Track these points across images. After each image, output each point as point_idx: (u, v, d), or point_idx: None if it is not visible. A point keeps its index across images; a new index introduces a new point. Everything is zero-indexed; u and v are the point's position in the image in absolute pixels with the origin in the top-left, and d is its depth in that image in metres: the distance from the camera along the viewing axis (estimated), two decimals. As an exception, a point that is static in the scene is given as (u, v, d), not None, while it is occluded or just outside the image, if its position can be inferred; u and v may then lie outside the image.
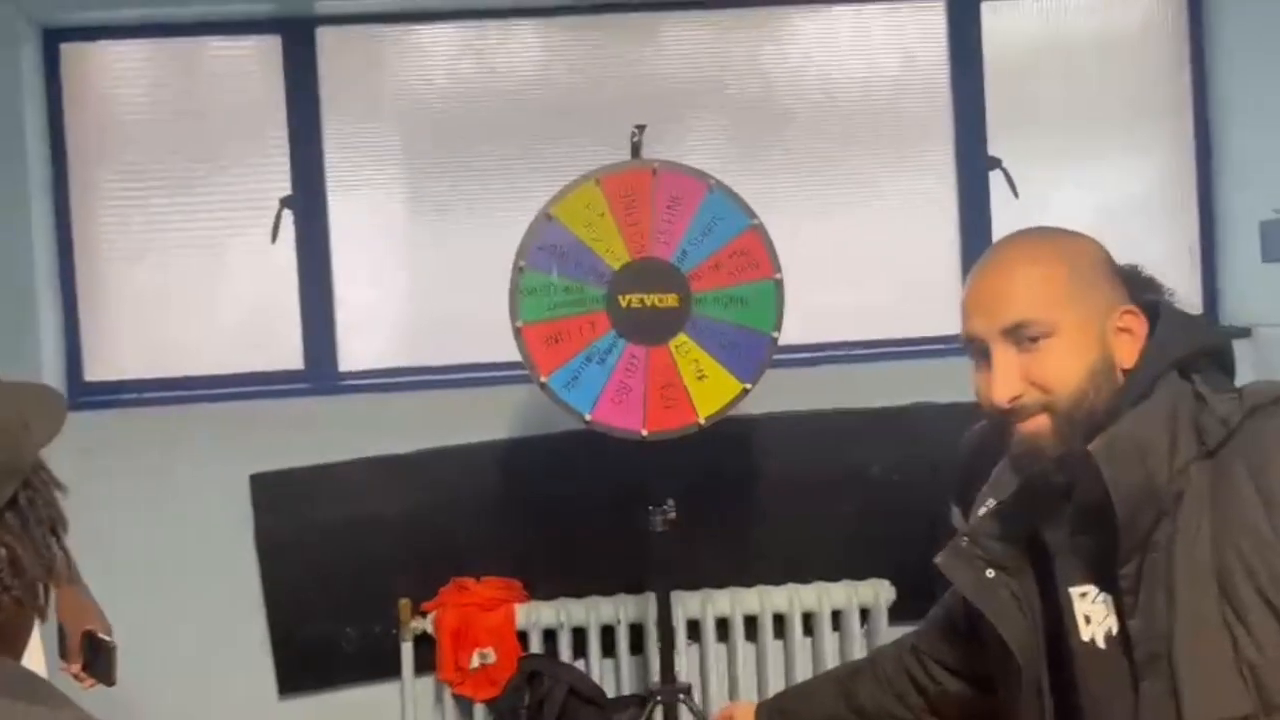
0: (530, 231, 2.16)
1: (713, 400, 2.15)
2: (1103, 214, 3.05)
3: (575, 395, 2.15)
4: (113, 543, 2.77)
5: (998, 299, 1.17)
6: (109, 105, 2.95)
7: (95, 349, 2.96)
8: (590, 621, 2.74)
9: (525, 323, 2.14)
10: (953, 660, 1.43)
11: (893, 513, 2.82)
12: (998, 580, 1.22)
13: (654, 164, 2.17)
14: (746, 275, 2.15)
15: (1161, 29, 3.09)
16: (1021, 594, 1.21)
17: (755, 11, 3.01)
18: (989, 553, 1.23)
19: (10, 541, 0.84)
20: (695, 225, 2.15)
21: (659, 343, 2.15)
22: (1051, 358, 1.12)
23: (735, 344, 2.15)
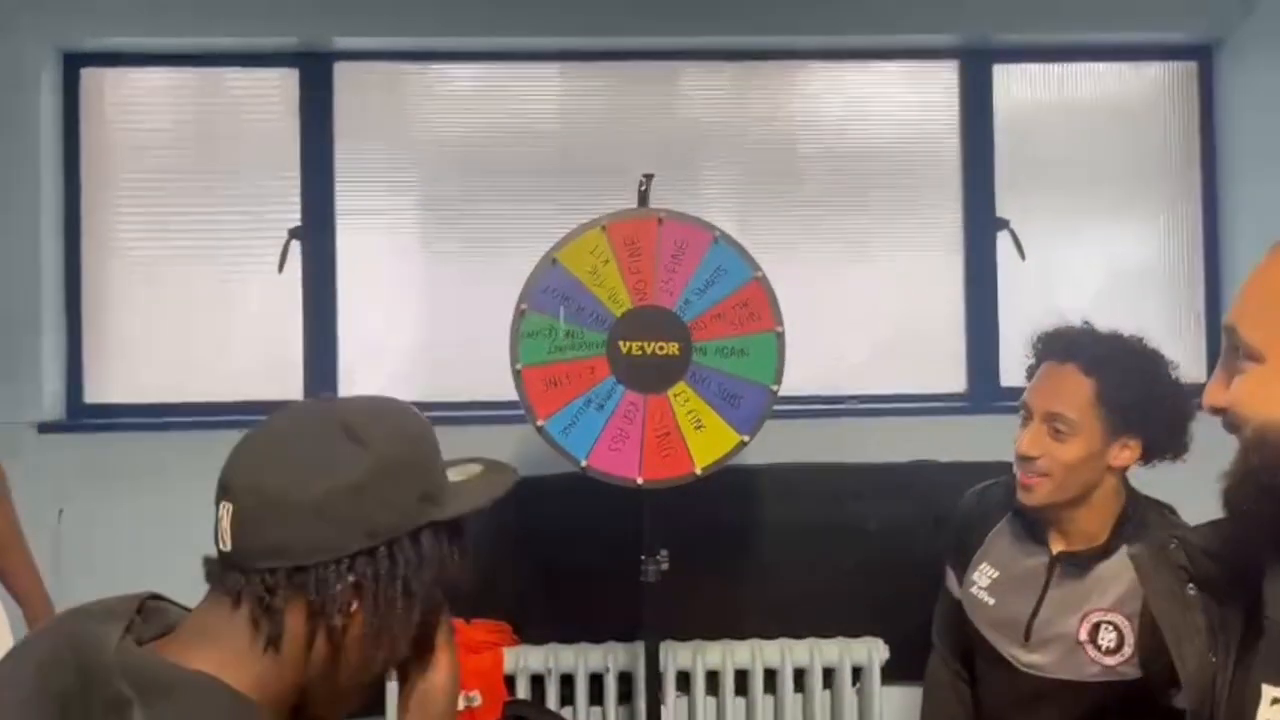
0: (534, 275, 2.16)
1: (710, 451, 2.14)
2: (1109, 277, 3.06)
3: (572, 440, 2.13)
4: (106, 566, 2.76)
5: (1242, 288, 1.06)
6: (125, 131, 2.98)
7: (97, 372, 2.96)
8: (579, 668, 2.70)
9: (525, 365, 2.14)
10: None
11: (889, 571, 2.80)
12: (1196, 600, 1.05)
13: (660, 213, 2.18)
14: (748, 327, 2.15)
15: (1171, 95, 3.11)
16: (1221, 629, 1.03)
17: (772, 65, 3.04)
18: (1198, 568, 1.07)
19: None
20: (699, 275, 2.15)
21: (658, 391, 2.14)
22: (1247, 384, 1.01)
23: (735, 395, 2.14)
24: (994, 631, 1.81)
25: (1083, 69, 3.09)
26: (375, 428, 0.93)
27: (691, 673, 2.73)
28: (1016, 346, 2.98)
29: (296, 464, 0.90)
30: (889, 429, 2.91)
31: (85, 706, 0.82)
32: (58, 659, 0.86)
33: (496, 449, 2.90)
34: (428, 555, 0.95)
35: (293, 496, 0.89)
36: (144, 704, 0.81)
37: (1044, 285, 3.05)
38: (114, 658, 0.84)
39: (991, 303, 3.03)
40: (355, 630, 0.92)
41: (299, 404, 0.98)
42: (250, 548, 0.89)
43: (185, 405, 2.93)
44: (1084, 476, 1.72)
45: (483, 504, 1.02)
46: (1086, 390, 1.69)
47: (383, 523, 0.92)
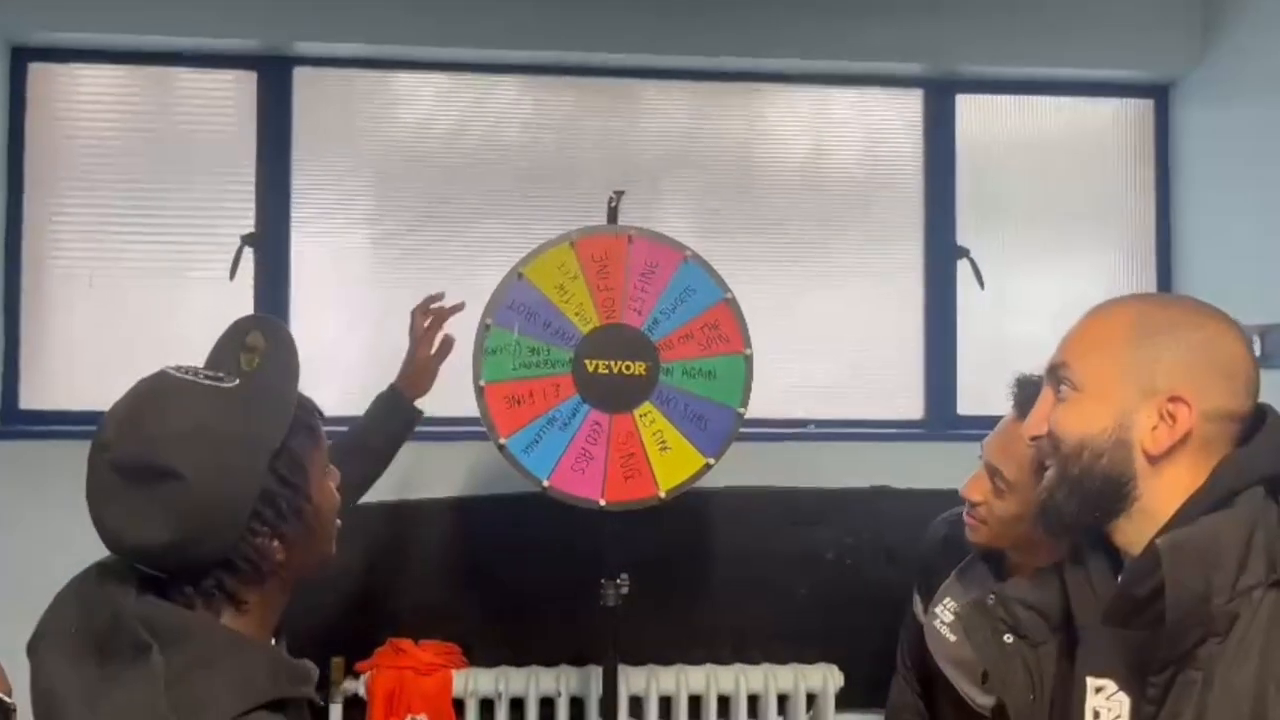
0: (500, 289, 2.12)
1: (675, 473, 2.11)
2: (1067, 308, 3.06)
3: (534, 460, 2.09)
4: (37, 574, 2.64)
5: (1067, 336, 1.22)
6: (74, 128, 2.88)
7: (35, 376, 2.85)
8: (530, 692, 2.65)
9: (488, 382, 2.09)
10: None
11: (845, 597, 2.79)
12: (1014, 648, 1.19)
13: (630, 231, 2.15)
14: (716, 348, 2.13)
15: (1128, 130, 3.16)
16: (1036, 670, 1.18)
17: (736, 86, 3.04)
18: (1013, 618, 1.20)
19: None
20: (668, 295, 2.12)
21: (623, 410, 2.11)
22: (1068, 410, 1.17)
23: (701, 416, 2.11)
24: (952, 668, 1.79)
25: (1043, 103, 3.13)
26: (181, 454, 1.00)
27: (645, 698, 2.69)
28: (974, 375, 3.05)
29: (143, 519, 1.01)
30: (846, 454, 2.91)
31: (116, 647, 1.00)
32: (94, 606, 1.04)
33: (455, 466, 2.88)
34: (291, 470, 1.07)
35: (174, 546, 1.01)
36: (161, 647, 0.99)
37: (1001, 315, 3.07)
38: (135, 608, 1.01)
39: (950, 331, 3.05)
40: (297, 540, 1.09)
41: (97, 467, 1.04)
42: (180, 574, 1.04)
43: (127, 414, 2.82)
44: (1022, 531, 1.68)
45: (291, 394, 1.12)
46: (1030, 454, 1.59)
47: (239, 501, 1.03)
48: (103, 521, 1.03)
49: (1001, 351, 3.05)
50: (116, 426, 1.03)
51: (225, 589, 1.05)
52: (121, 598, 1.02)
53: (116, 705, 0.97)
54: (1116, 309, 1.22)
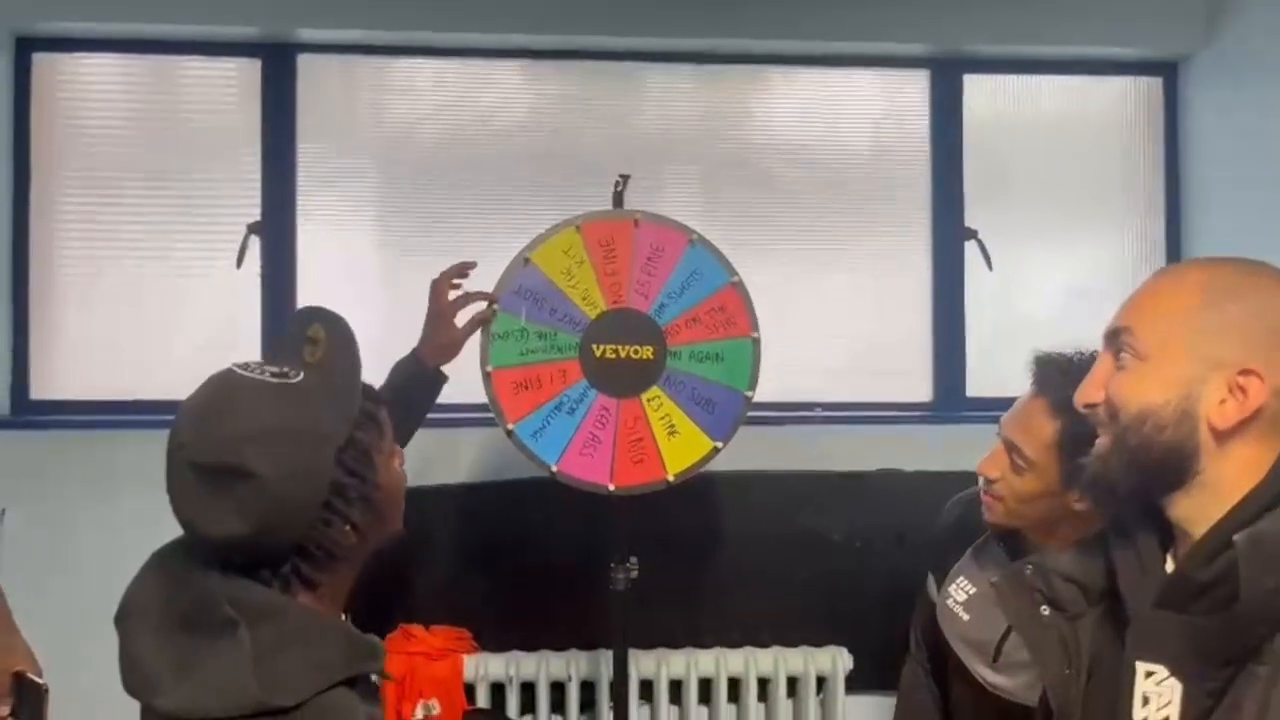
0: (506, 275, 2.11)
1: (683, 457, 2.10)
2: (1075, 290, 3.08)
3: (542, 444, 2.08)
4: (51, 567, 2.67)
5: (1130, 299, 1.13)
6: (79, 118, 2.88)
7: (44, 367, 2.86)
8: (540, 677, 2.66)
9: (495, 368, 2.09)
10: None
11: (854, 580, 2.79)
12: (1051, 620, 1.15)
13: (636, 214, 2.14)
14: (724, 332, 2.12)
15: (1136, 113, 3.14)
16: (1073, 643, 1.13)
17: (741, 69, 3.02)
18: (1050, 589, 1.15)
19: None
20: (675, 278, 2.12)
21: (631, 395, 2.10)
22: (1128, 378, 1.09)
23: (709, 400, 2.11)
24: (964, 647, 1.80)
25: (1051, 82, 3.11)
26: (255, 454, 1.05)
27: (655, 681, 2.69)
28: (983, 356, 3.04)
29: (221, 515, 1.06)
30: (855, 438, 2.90)
31: (202, 624, 1.05)
32: (179, 586, 1.09)
33: (463, 452, 2.89)
34: (358, 461, 1.12)
35: (251, 539, 1.06)
36: (248, 624, 1.04)
37: (1010, 296, 3.06)
38: (221, 586, 1.07)
39: (958, 312, 3.04)
40: (367, 524, 1.14)
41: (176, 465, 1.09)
42: (254, 560, 1.09)
43: (136, 403, 2.84)
44: (1038, 510, 1.69)
45: (355, 387, 1.16)
46: (1049, 431, 1.64)
47: (310, 494, 1.08)
48: (183, 515, 1.09)
49: (1010, 333, 3.05)
50: (191, 426, 1.08)
51: (300, 573, 1.10)
52: (207, 575, 1.08)
53: (206, 677, 1.03)
54: (1186, 272, 1.16)
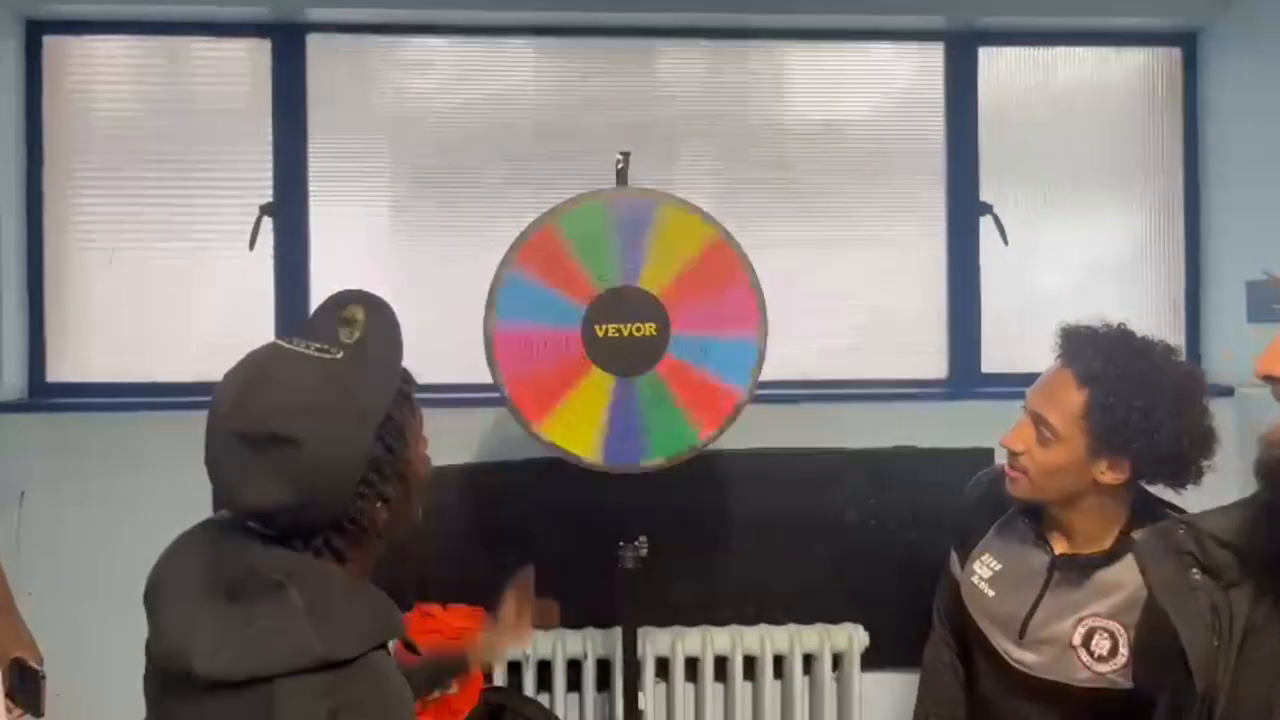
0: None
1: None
2: (1091, 266, 3.05)
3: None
4: (70, 548, 2.69)
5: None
6: (90, 101, 2.88)
7: (60, 348, 2.88)
8: (556, 655, 2.67)
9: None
10: None
11: (869, 557, 2.79)
12: (1202, 586, 1.06)
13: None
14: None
15: (1155, 85, 3.10)
16: (1225, 614, 1.04)
17: (754, 43, 2.99)
18: (1203, 552, 1.07)
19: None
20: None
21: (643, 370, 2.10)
22: None
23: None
24: (989, 624, 1.79)
25: (1067, 54, 3.06)
26: (299, 423, 1.07)
27: (670, 659, 2.70)
28: (998, 332, 3.02)
29: (267, 482, 1.08)
30: (869, 415, 2.89)
31: (250, 588, 1.08)
32: (218, 556, 1.12)
33: (471, 432, 2.89)
34: (394, 438, 1.15)
35: (294, 507, 1.09)
36: (294, 585, 1.08)
37: (1026, 271, 3.03)
38: (264, 555, 1.10)
39: (974, 288, 3.02)
40: (398, 503, 1.17)
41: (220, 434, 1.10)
42: (293, 532, 1.12)
43: (151, 385, 2.85)
44: (1063, 483, 1.69)
45: (396, 366, 1.20)
46: (1076, 402, 1.64)
47: (351, 467, 1.11)
48: (227, 484, 1.10)
49: (1026, 308, 3.02)
50: (235, 396, 1.09)
51: (332, 546, 1.13)
52: (249, 548, 1.11)
53: (259, 635, 1.05)
54: None
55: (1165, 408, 1.59)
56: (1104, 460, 1.64)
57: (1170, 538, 1.10)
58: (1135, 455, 1.61)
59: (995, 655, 1.78)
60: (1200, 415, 1.61)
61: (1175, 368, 1.65)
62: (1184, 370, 1.66)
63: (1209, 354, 3.04)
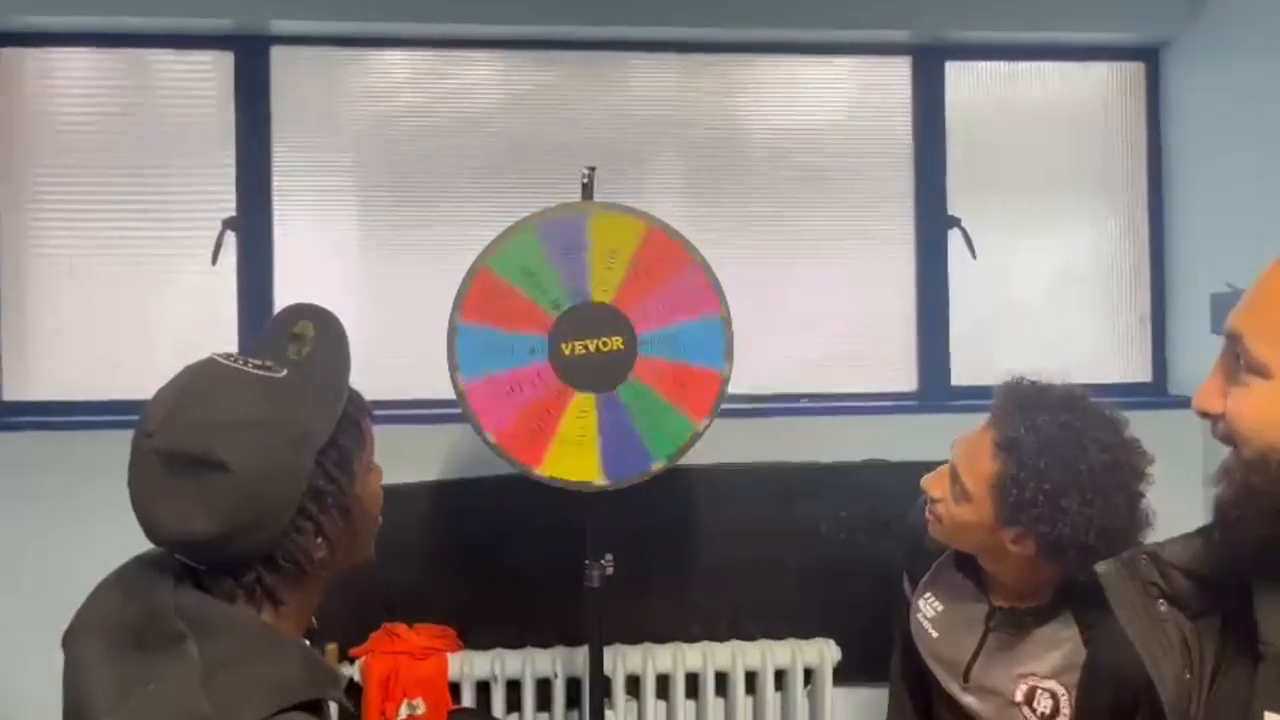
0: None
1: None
2: (1058, 279, 3.07)
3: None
4: (27, 571, 2.63)
5: (1249, 294, 0.95)
6: (50, 113, 2.83)
7: (16, 367, 2.82)
8: (526, 674, 2.63)
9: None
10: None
11: (840, 571, 2.78)
12: (1170, 617, 1.01)
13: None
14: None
15: (1120, 99, 3.12)
16: (1195, 645, 0.99)
17: (722, 58, 2.99)
18: (1168, 583, 1.02)
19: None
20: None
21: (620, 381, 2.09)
22: (1250, 399, 0.93)
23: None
24: (935, 663, 1.76)
25: (1033, 69, 3.09)
26: (226, 444, 0.98)
27: (642, 676, 2.67)
28: (967, 345, 3.03)
29: (188, 510, 0.98)
30: (839, 428, 2.88)
31: (151, 637, 0.98)
32: (131, 598, 1.02)
33: (437, 449, 2.85)
34: (338, 466, 1.06)
35: (216, 539, 0.99)
36: (197, 638, 0.97)
37: (994, 284, 3.04)
38: (172, 598, 1.00)
39: (943, 301, 3.02)
40: (340, 538, 1.08)
41: (142, 454, 1.01)
42: (220, 568, 1.02)
43: (112, 403, 2.79)
44: (976, 540, 1.63)
45: (342, 387, 1.10)
46: (989, 469, 1.54)
47: (285, 496, 1.01)
48: (145, 510, 1.00)
49: (995, 321, 3.04)
50: (163, 414, 1.00)
51: (265, 585, 1.03)
52: (159, 588, 1.01)
53: (152, 695, 0.95)
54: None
55: (1075, 496, 1.46)
56: (1011, 531, 1.54)
57: (1134, 567, 1.05)
58: (1039, 538, 1.50)
59: (945, 691, 1.76)
60: (1117, 509, 1.47)
61: (1103, 452, 1.49)
62: (1113, 457, 1.50)
63: (1174, 366, 3.07)
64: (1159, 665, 1.00)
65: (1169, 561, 1.03)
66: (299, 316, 1.12)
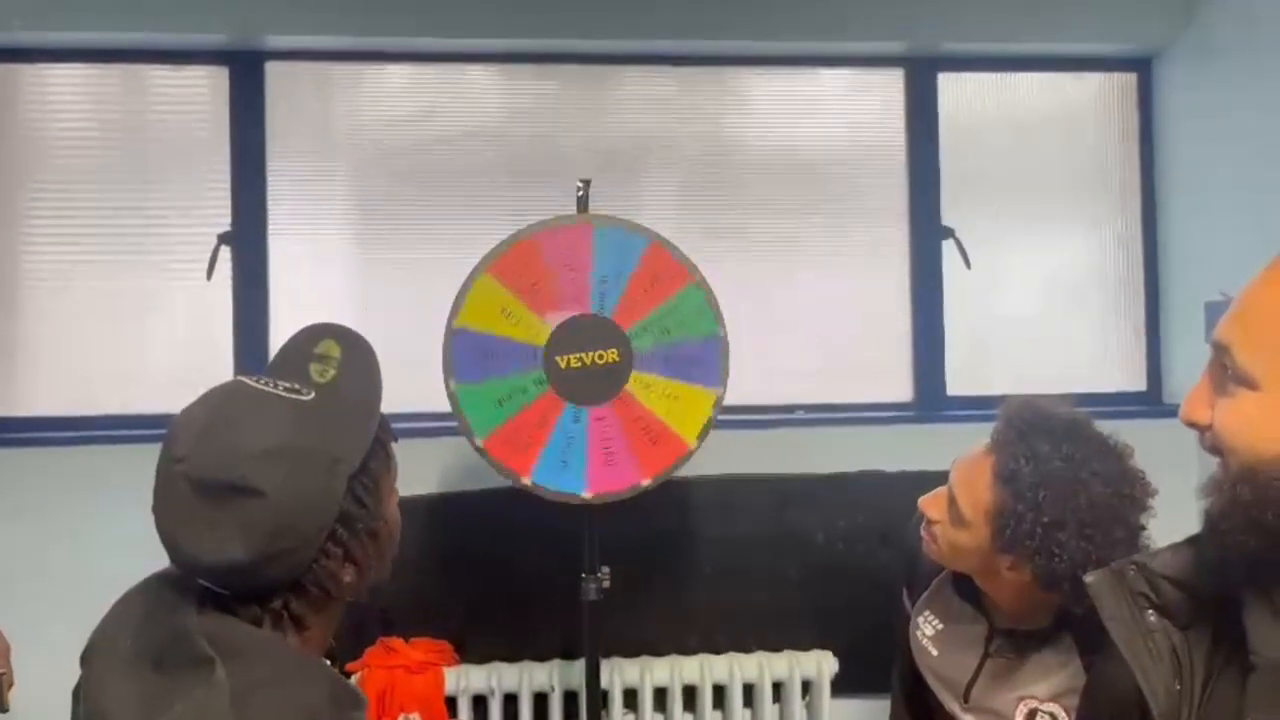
0: (445, 350, 2.09)
1: (694, 419, 2.09)
2: (1052, 289, 3.07)
3: (567, 480, 2.08)
4: (20, 584, 2.62)
5: (1237, 303, 0.93)
6: (44, 129, 2.84)
7: (9, 383, 2.81)
8: (523, 688, 2.62)
9: (484, 438, 2.07)
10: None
11: (837, 583, 2.77)
12: (1159, 628, 1.00)
13: (531, 231, 2.12)
14: (664, 290, 2.11)
15: (1111, 109, 3.14)
16: (1184, 655, 0.98)
17: (715, 70, 3.00)
18: (1159, 594, 1.01)
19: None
20: (598, 266, 2.10)
21: (616, 393, 2.09)
22: (1237, 411, 0.92)
23: (690, 358, 2.10)
24: (936, 682, 1.75)
25: (1026, 79, 3.10)
26: (264, 471, 0.96)
27: (639, 689, 2.66)
28: (962, 356, 3.03)
29: (222, 537, 0.96)
30: (835, 439, 2.88)
31: (175, 660, 0.95)
32: (152, 619, 1.00)
33: (432, 462, 2.85)
34: (368, 491, 1.05)
35: (249, 567, 0.97)
36: (224, 661, 0.94)
37: (989, 294, 3.05)
38: (198, 622, 0.97)
39: (937, 311, 3.03)
40: (366, 563, 1.06)
41: (172, 481, 0.98)
42: (248, 594, 1.00)
43: (106, 418, 2.79)
44: (971, 563, 1.62)
45: (375, 411, 1.09)
46: (987, 498, 1.53)
47: (318, 522, 1.00)
48: (174, 537, 0.98)
49: (990, 331, 3.04)
50: (193, 438, 0.97)
51: (291, 611, 1.02)
52: (183, 611, 0.99)
53: (179, 717, 0.92)
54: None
55: (1073, 529, 1.44)
56: (1007, 559, 1.53)
57: (1122, 578, 1.04)
58: (1035, 569, 1.49)
59: (944, 709, 1.75)
60: (1116, 543, 1.44)
61: (1104, 485, 1.47)
62: (1114, 490, 1.47)
63: (1169, 375, 3.07)
64: (1149, 676, 0.99)
65: (1158, 572, 1.03)
66: (321, 336, 1.09)
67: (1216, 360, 0.95)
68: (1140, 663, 1.00)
